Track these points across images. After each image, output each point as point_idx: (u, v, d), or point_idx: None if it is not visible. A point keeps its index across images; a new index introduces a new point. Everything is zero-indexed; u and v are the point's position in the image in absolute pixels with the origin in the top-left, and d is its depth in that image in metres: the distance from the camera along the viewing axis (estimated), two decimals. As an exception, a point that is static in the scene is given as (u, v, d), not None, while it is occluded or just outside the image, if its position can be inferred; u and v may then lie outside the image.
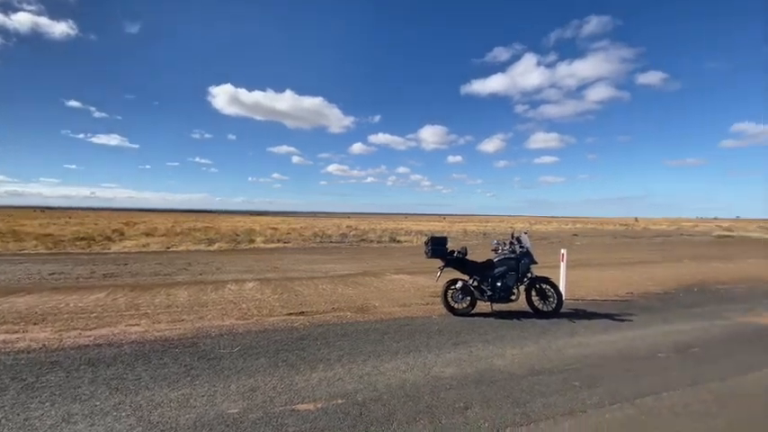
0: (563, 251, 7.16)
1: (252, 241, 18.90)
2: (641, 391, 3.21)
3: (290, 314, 5.47)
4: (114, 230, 22.44)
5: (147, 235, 20.84)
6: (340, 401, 2.90)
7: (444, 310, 5.69)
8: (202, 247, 16.41)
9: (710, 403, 3.04)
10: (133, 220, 37.29)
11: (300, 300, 6.39)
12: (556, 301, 5.73)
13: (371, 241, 20.90)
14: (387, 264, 11.67)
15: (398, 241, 21.39)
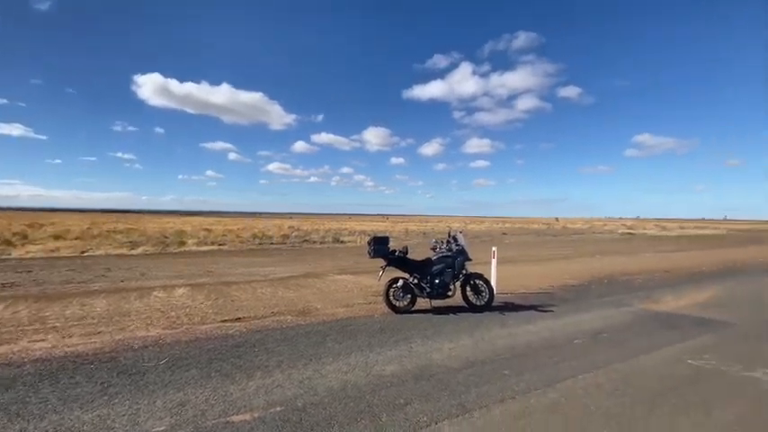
0: (494, 249, 7.66)
1: (182, 244, 17.56)
2: (561, 376, 3.54)
3: (225, 321, 5.18)
4: (16, 233, 19.44)
5: (58, 238, 18.38)
6: (279, 409, 2.81)
7: (386, 309, 5.78)
8: (124, 250, 14.89)
9: (618, 382, 3.45)
10: (39, 221, 32.59)
11: (237, 305, 6.08)
12: (488, 296, 6.11)
13: (315, 242, 20.55)
14: (330, 265, 11.55)
15: (342, 242, 21.29)
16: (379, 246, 6.02)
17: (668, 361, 3.99)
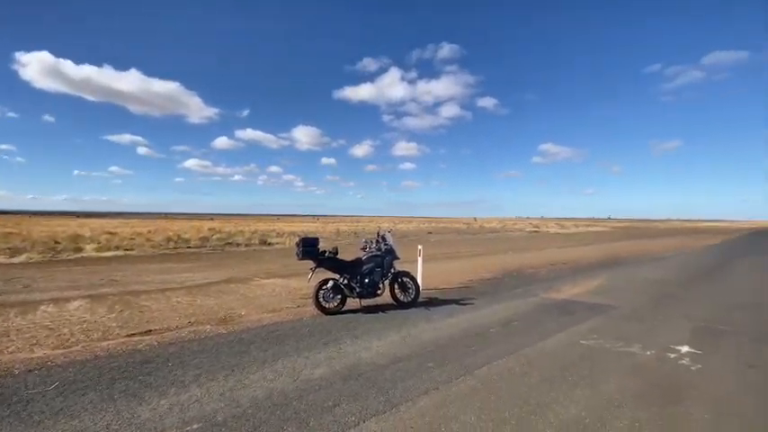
0: (420, 247, 8.01)
1: (79, 249, 15.30)
2: (478, 363, 3.84)
3: (133, 335, 4.66)
4: None
5: None
6: (196, 426, 2.62)
7: (316, 311, 5.71)
8: (1, 259, 12.51)
9: (526, 365, 3.84)
10: None
11: (147, 317, 5.50)
12: (414, 293, 6.38)
13: (239, 245, 19.39)
14: (256, 268, 11.01)
15: (270, 243, 20.42)
16: (308, 247, 5.92)
17: (565, 343, 4.56)
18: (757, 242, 27.84)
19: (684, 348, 4.39)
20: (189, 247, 17.75)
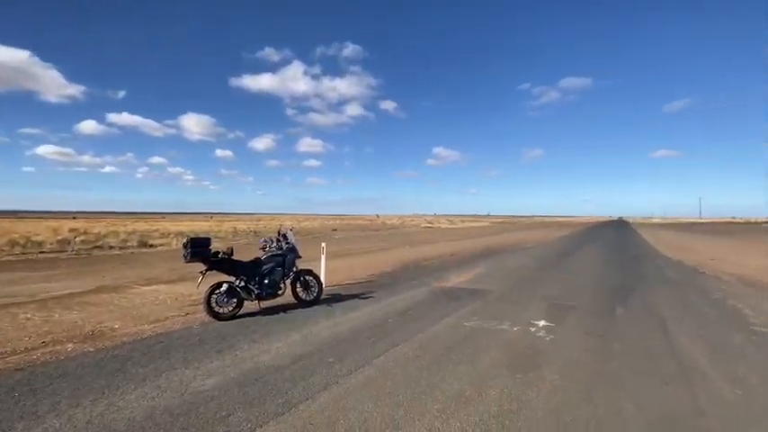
0: (323, 245, 8.04)
1: None
2: (377, 353, 4.07)
3: (-43, 366, 3.70)
4: None
5: None
6: (55, 462, 2.25)
7: (208, 318, 5.30)
8: None
9: (419, 350, 4.19)
10: None
11: (-21, 341, 4.41)
12: (317, 290, 6.38)
13: (112, 248, 16.67)
14: (134, 274, 9.64)
15: (152, 245, 18.03)
16: (197, 248, 5.43)
17: (451, 326, 5.10)
18: (594, 234, 34.84)
19: (542, 323, 5.30)
20: (42, 252, 14.62)
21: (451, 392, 3.19)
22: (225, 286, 5.48)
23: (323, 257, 7.89)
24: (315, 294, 6.36)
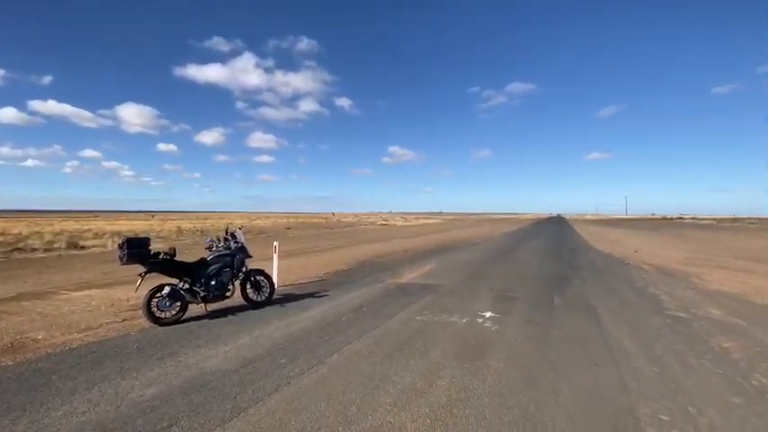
0: (275, 243, 7.83)
1: None
2: (330, 351, 4.05)
3: None
4: None
5: None
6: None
7: (149, 324, 4.96)
8: None
9: (372, 346, 4.24)
10: None
11: None
12: (269, 291, 6.21)
13: (35, 250, 14.93)
14: (62, 279, 8.73)
15: (84, 247, 16.42)
16: (135, 249, 5.05)
17: (404, 321, 5.22)
18: (536, 229, 37.21)
19: (488, 314, 5.59)
20: (-58, 258, 12.73)
21: (403, 386, 3.26)
22: (167, 289, 5.15)
23: (275, 256, 7.69)
24: (266, 295, 6.18)
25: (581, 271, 9.85)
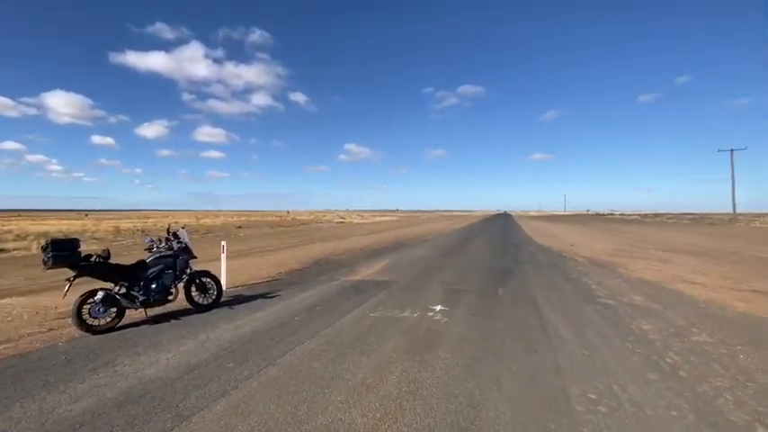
0: (223, 243, 7.53)
1: None
2: (282, 352, 3.99)
3: None
4: None
5: None
6: None
7: (80, 332, 4.56)
8: None
9: (324, 344, 4.23)
10: None
11: None
12: (216, 293, 5.96)
13: (-67, 254, 13.05)
14: (-31, 287, 7.73)
15: (3, 250, 14.62)
16: (60, 251, 4.61)
17: (358, 318, 5.26)
18: (484, 226, 39.02)
19: (438, 307, 5.79)
20: None
21: (354, 382, 3.30)
22: (101, 294, 4.77)
23: (223, 257, 7.38)
24: (213, 297, 5.92)
25: (523, 264, 10.48)
